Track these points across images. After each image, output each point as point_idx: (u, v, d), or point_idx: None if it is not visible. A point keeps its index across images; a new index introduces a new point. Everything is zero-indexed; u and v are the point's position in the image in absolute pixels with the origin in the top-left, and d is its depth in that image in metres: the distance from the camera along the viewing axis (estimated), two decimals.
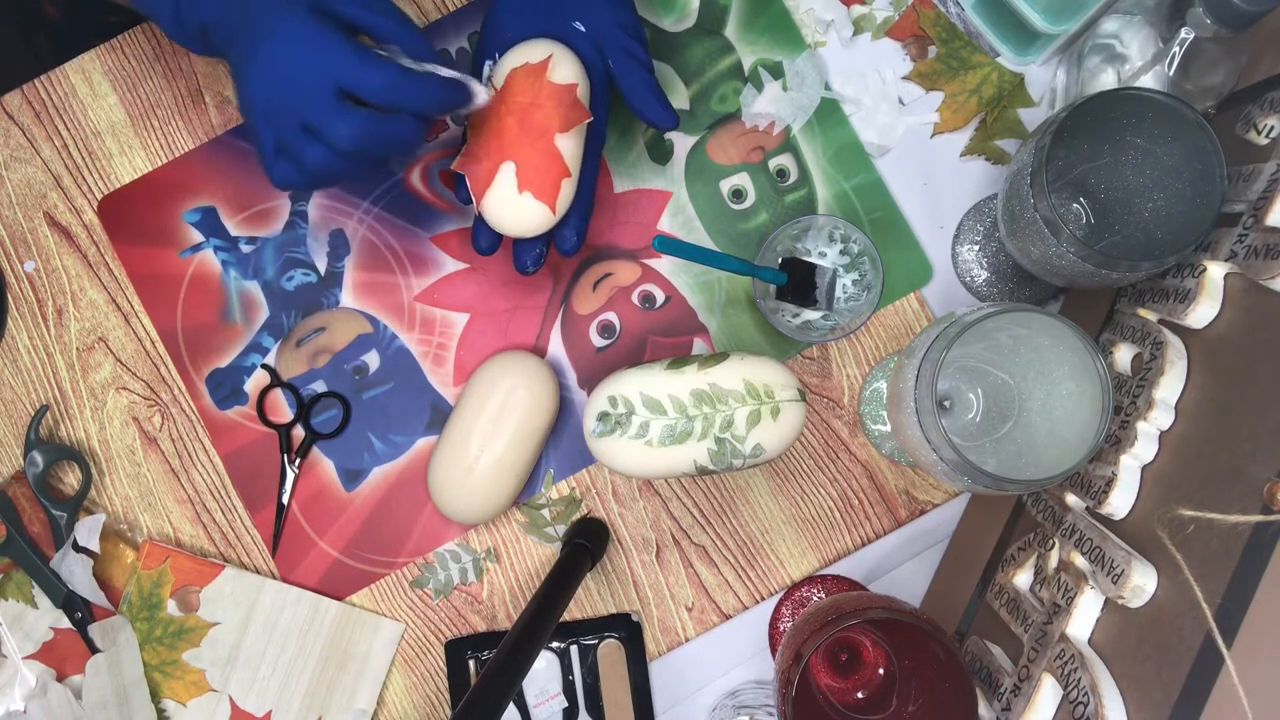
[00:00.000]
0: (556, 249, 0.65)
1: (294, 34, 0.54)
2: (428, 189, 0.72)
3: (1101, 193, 0.62)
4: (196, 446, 0.71)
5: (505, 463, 0.66)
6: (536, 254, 0.65)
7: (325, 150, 0.55)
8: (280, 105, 0.55)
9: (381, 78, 0.55)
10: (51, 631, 0.69)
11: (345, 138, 0.55)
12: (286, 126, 0.55)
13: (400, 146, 0.58)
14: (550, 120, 0.60)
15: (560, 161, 0.61)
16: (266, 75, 0.55)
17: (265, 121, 0.56)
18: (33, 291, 0.71)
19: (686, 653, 0.70)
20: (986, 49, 0.72)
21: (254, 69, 0.55)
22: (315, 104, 0.54)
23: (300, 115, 0.55)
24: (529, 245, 0.65)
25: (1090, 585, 0.53)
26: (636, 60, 0.64)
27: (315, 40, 0.54)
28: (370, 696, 0.70)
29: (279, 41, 0.55)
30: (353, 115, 0.55)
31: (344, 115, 0.54)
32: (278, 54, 0.55)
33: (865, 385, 0.70)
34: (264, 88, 0.55)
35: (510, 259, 0.69)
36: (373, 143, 0.56)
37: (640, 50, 0.64)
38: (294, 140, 0.56)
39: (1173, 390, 0.54)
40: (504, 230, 0.63)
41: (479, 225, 0.65)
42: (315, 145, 0.55)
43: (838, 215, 0.71)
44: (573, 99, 0.61)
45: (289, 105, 0.55)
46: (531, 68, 0.61)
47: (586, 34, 0.63)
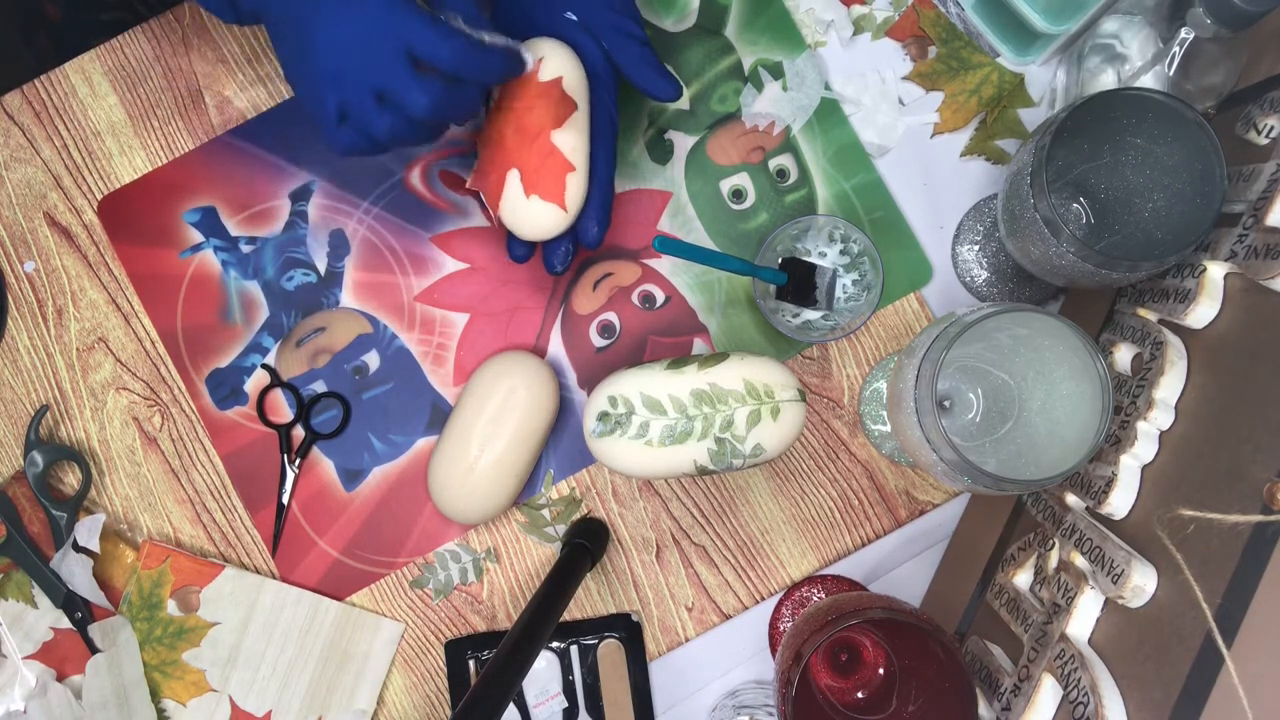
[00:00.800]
0: (580, 242, 0.65)
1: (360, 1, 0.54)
2: (428, 189, 0.72)
3: (1101, 193, 0.62)
4: (196, 446, 0.71)
5: (505, 463, 0.66)
6: (563, 253, 0.65)
7: (397, 118, 0.55)
8: (350, 70, 0.54)
9: (453, 47, 0.54)
10: (51, 631, 0.69)
11: (423, 106, 0.54)
12: (356, 93, 0.55)
13: (466, 115, 0.58)
14: (543, 119, 0.60)
15: (560, 158, 0.61)
16: (334, 40, 0.54)
17: (331, 87, 0.55)
18: (33, 291, 0.71)
19: (686, 653, 0.70)
20: (986, 49, 0.72)
21: (318, 33, 0.54)
22: (391, 71, 0.54)
23: (373, 82, 0.54)
24: (554, 245, 0.65)
25: (1090, 585, 0.53)
26: (630, 37, 0.63)
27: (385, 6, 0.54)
28: (370, 696, 0.70)
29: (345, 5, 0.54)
30: (430, 84, 0.54)
31: (421, 84, 0.54)
32: (347, 18, 0.54)
33: (865, 385, 0.70)
34: (332, 52, 0.54)
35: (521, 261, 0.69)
36: (445, 111, 0.55)
37: (633, 26, 0.64)
38: (364, 107, 0.55)
39: (1173, 390, 0.54)
40: (524, 236, 0.63)
41: (510, 236, 0.66)
42: (386, 113, 0.55)
43: (838, 215, 0.71)
44: (559, 93, 0.61)
45: (360, 71, 0.54)
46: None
47: (579, 23, 0.63)
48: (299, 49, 0.56)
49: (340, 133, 0.57)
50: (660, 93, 0.63)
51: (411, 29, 0.54)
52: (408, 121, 0.55)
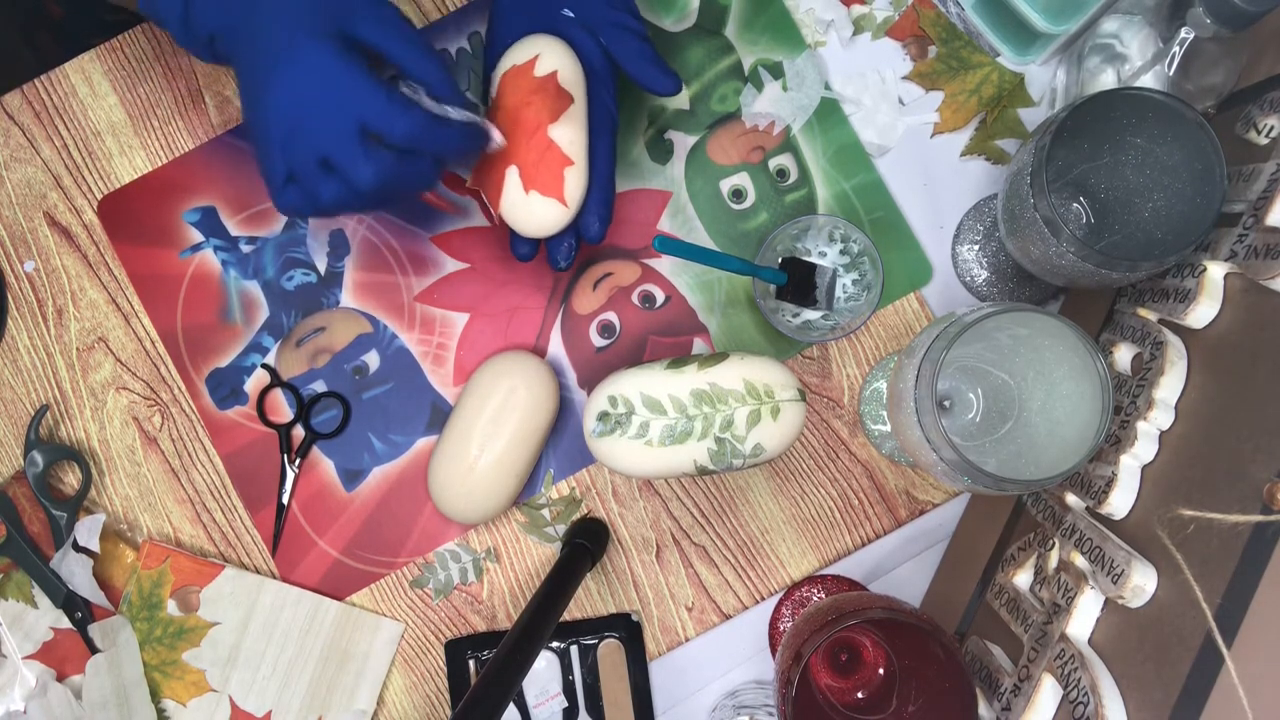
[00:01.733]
0: (583, 237, 0.65)
1: (320, 64, 0.53)
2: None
3: (1101, 193, 0.62)
4: (196, 446, 0.71)
5: (505, 463, 0.66)
6: (565, 249, 0.65)
7: (342, 187, 0.54)
8: (300, 135, 0.54)
9: (409, 123, 0.53)
10: (51, 631, 0.69)
11: (368, 179, 0.53)
12: (303, 158, 0.54)
13: (416, 188, 0.58)
14: (539, 113, 0.60)
15: (558, 152, 0.61)
16: (288, 102, 0.53)
17: (280, 148, 0.54)
18: (33, 291, 0.71)
19: (686, 653, 0.70)
20: (986, 49, 0.72)
21: (273, 93, 0.54)
22: (339, 141, 0.53)
23: (320, 150, 0.53)
24: (557, 241, 0.65)
25: (1090, 585, 0.53)
26: (628, 31, 0.63)
27: (341, 74, 0.53)
28: (370, 696, 0.70)
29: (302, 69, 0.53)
30: (378, 157, 0.53)
31: (368, 157, 0.53)
32: (301, 82, 0.53)
33: (865, 385, 0.70)
34: (283, 115, 0.53)
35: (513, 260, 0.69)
36: (393, 184, 0.55)
37: (631, 20, 0.63)
38: (309, 173, 0.54)
39: (1173, 390, 0.54)
40: (525, 233, 0.63)
41: (514, 234, 0.65)
42: (332, 181, 0.54)
43: (838, 215, 0.71)
44: (555, 87, 0.61)
45: (309, 137, 0.53)
46: (518, 69, 0.61)
47: (576, 19, 0.63)
48: (255, 103, 0.55)
49: (285, 193, 0.56)
50: (659, 87, 0.63)
51: (364, 99, 0.53)
52: (353, 192, 0.54)
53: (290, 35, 0.53)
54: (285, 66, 0.53)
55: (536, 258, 0.68)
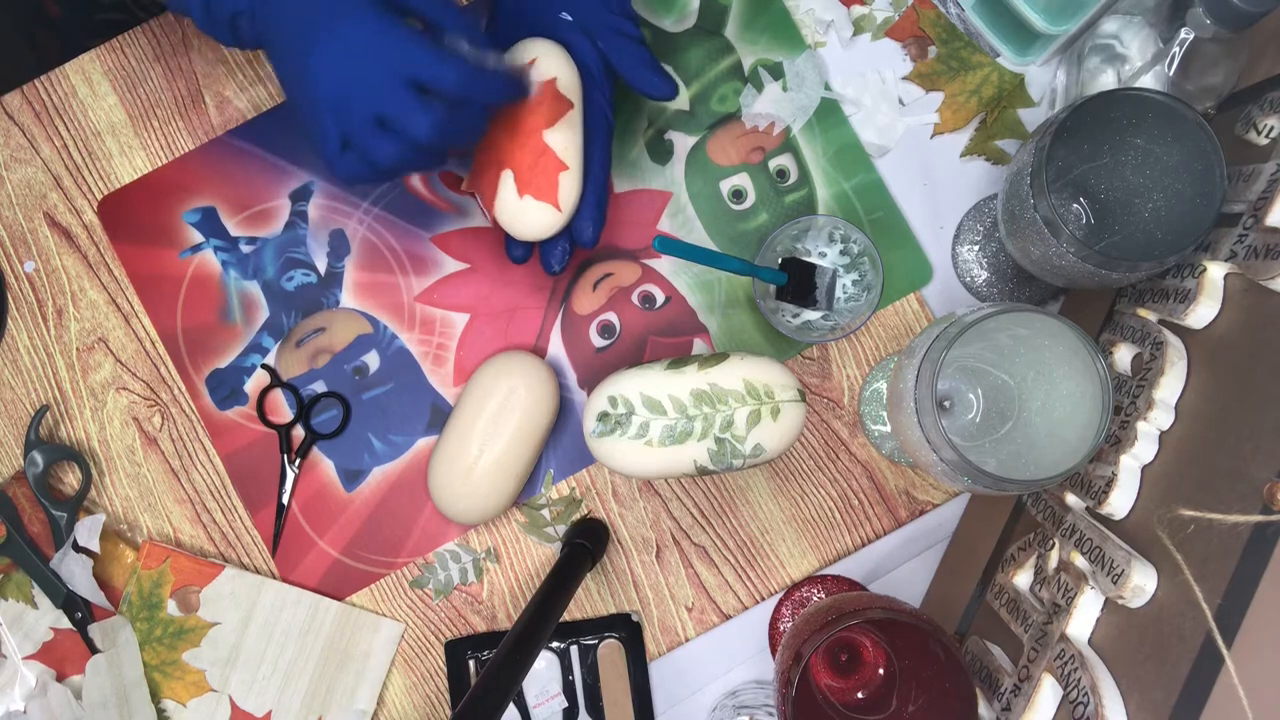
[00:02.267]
0: (576, 241, 0.65)
1: (362, 26, 0.53)
2: (428, 189, 0.72)
3: (1101, 193, 0.62)
4: (196, 446, 0.71)
5: (505, 463, 0.66)
6: (559, 253, 0.65)
7: (400, 144, 0.54)
8: (351, 98, 0.54)
9: (457, 71, 0.54)
10: (51, 631, 0.69)
11: (425, 131, 0.54)
12: (357, 120, 0.54)
13: (470, 138, 0.57)
14: (535, 118, 0.60)
15: (553, 157, 0.61)
16: (334, 67, 0.54)
17: (332, 115, 0.55)
18: (33, 291, 0.71)
19: (686, 653, 0.70)
20: (986, 49, 0.72)
21: (318, 61, 0.54)
22: (392, 97, 0.53)
23: (374, 108, 0.54)
24: (551, 245, 0.65)
25: (1090, 585, 0.53)
26: (626, 36, 0.63)
27: (384, 32, 0.53)
28: (370, 696, 0.70)
29: (346, 33, 0.53)
30: (432, 108, 0.54)
31: (424, 108, 0.53)
32: (347, 45, 0.53)
33: (865, 385, 0.70)
34: (331, 80, 0.54)
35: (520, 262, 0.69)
36: (449, 135, 0.55)
37: (629, 26, 0.64)
38: (365, 134, 0.54)
39: (1173, 390, 0.54)
40: (519, 236, 0.63)
41: (508, 237, 0.65)
42: (389, 140, 0.54)
43: (838, 215, 0.71)
44: (553, 92, 0.61)
45: (362, 98, 0.54)
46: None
47: (574, 23, 0.63)
48: (299, 76, 0.55)
49: (343, 161, 0.56)
50: (656, 91, 0.63)
51: (411, 53, 0.53)
52: (411, 146, 0.55)
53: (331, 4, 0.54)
54: (327, 33, 0.53)
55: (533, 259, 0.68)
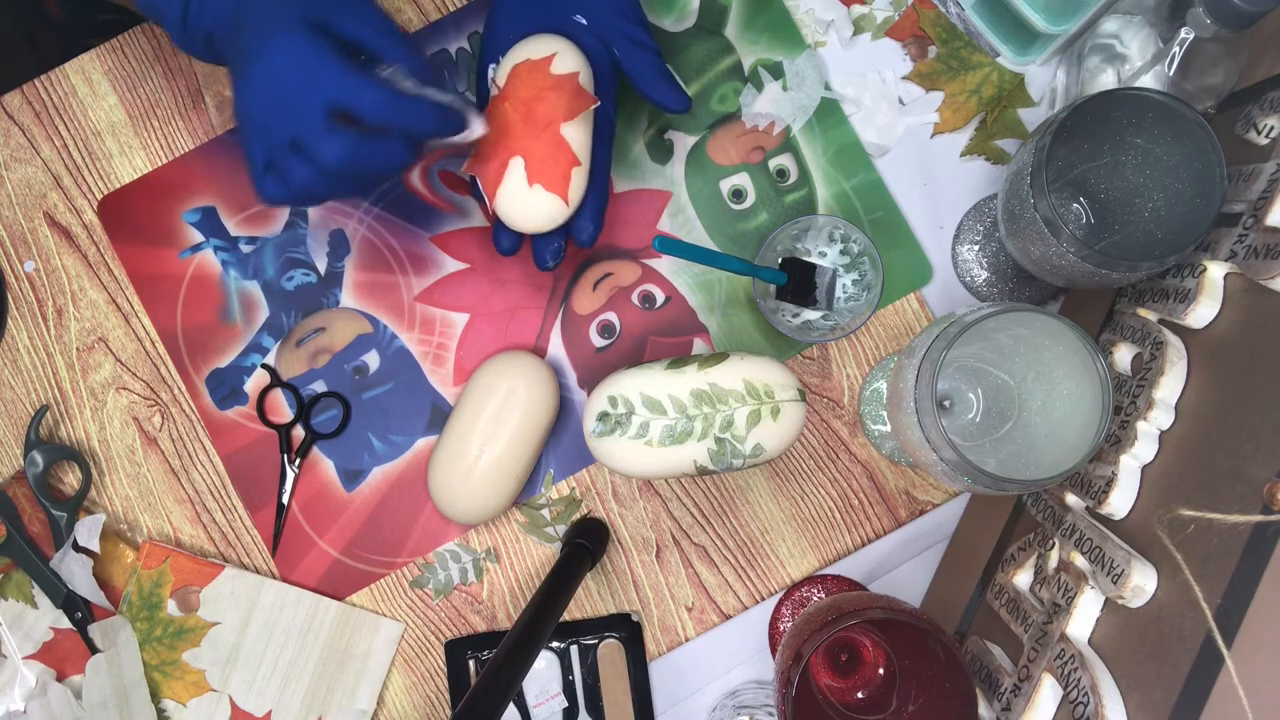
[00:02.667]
0: (574, 240, 0.65)
1: (289, 50, 0.54)
2: (428, 189, 0.72)
3: (1101, 193, 0.62)
4: (196, 446, 0.71)
5: (505, 463, 0.66)
6: (555, 248, 0.65)
7: (311, 169, 0.55)
8: (272, 121, 0.54)
9: (374, 96, 0.54)
10: (51, 631, 0.69)
11: (332, 156, 0.54)
12: (276, 143, 0.55)
13: (388, 168, 0.57)
14: (555, 110, 0.60)
15: (568, 151, 0.60)
16: (260, 90, 0.54)
17: (257, 136, 0.55)
18: (33, 291, 0.71)
19: (686, 653, 0.70)
20: (986, 49, 0.72)
21: (249, 82, 0.55)
22: (304, 121, 0.54)
23: (289, 132, 0.54)
24: (547, 240, 0.65)
25: (1090, 585, 0.53)
26: (642, 46, 0.63)
27: (309, 57, 0.54)
28: (370, 696, 0.70)
29: (274, 56, 0.54)
30: (340, 135, 0.54)
31: (331, 134, 0.54)
32: (272, 69, 0.54)
33: (865, 385, 0.70)
34: (257, 102, 0.55)
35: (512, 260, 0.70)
36: (360, 163, 0.55)
37: (645, 35, 0.64)
38: (282, 157, 0.55)
39: (1173, 390, 0.54)
40: (519, 226, 0.62)
41: (498, 226, 0.65)
42: (301, 164, 0.55)
43: (838, 215, 0.71)
44: (575, 86, 0.60)
45: (280, 121, 0.54)
46: (534, 63, 0.61)
47: (589, 27, 0.63)
48: (236, 95, 0.56)
49: (265, 181, 0.56)
50: (671, 104, 0.64)
51: (330, 79, 0.53)
52: (323, 172, 0.55)
53: (267, 27, 0.54)
54: (260, 56, 0.54)
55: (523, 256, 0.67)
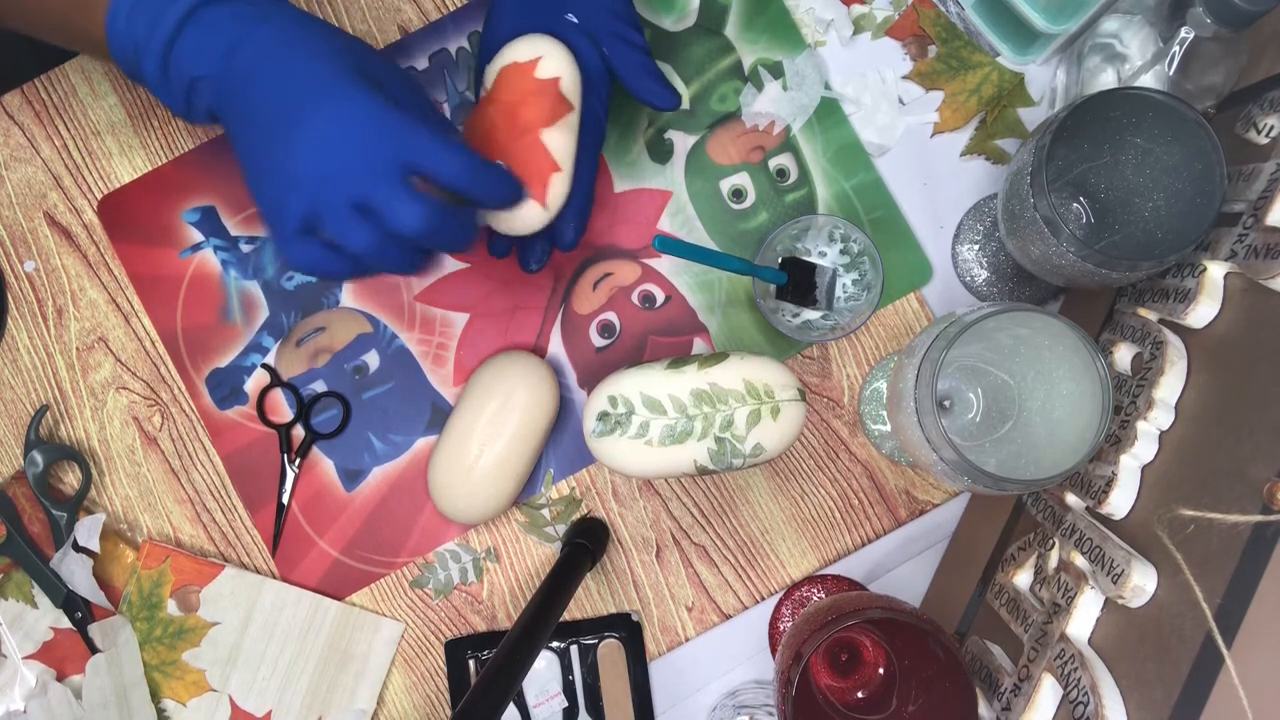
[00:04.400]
0: (556, 244, 0.65)
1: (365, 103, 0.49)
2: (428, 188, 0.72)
3: (1101, 192, 0.62)
4: (196, 446, 0.71)
5: (505, 463, 0.66)
6: (539, 251, 0.65)
7: (377, 234, 0.49)
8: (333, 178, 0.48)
9: (462, 162, 0.49)
10: (51, 631, 0.69)
11: (411, 222, 0.48)
12: (333, 202, 0.49)
13: (454, 245, 0.52)
14: (535, 115, 0.60)
15: (548, 157, 0.60)
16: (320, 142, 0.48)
17: (304, 194, 0.49)
18: (33, 291, 0.71)
19: (686, 653, 0.70)
20: (986, 49, 0.72)
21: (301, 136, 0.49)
22: (383, 181, 0.48)
23: (359, 192, 0.49)
24: (531, 243, 0.65)
25: (1090, 585, 0.53)
26: (631, 45, 0.63)
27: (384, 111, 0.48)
28: (370, 696, 0.70)
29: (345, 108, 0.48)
30: (427, 200, 0.49)
31: (415, 198, 0.48)
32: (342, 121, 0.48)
33: (865, 385, 0.70)
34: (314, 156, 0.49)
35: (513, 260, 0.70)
36: (435, 233, 0.50)
37: (634, 34, 0.64)
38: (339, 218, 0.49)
39: (1173, 390, 0.54)
40: (501, 230, 0.62)
41: (489, 229, 0.65)
42: (367, 228, 0.49)
43: (838, 215, 0.71)
44: (555, 93, 0.60)
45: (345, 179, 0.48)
46: (519, 66, 0.61)
47: (579, 25, 0.63)
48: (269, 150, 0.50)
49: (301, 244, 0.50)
50: (661, 102, 0.64)
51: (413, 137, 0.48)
52: (390, 237, 0.50)
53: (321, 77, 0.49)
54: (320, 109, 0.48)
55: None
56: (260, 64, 0.51)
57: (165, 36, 0.52)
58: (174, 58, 0.52)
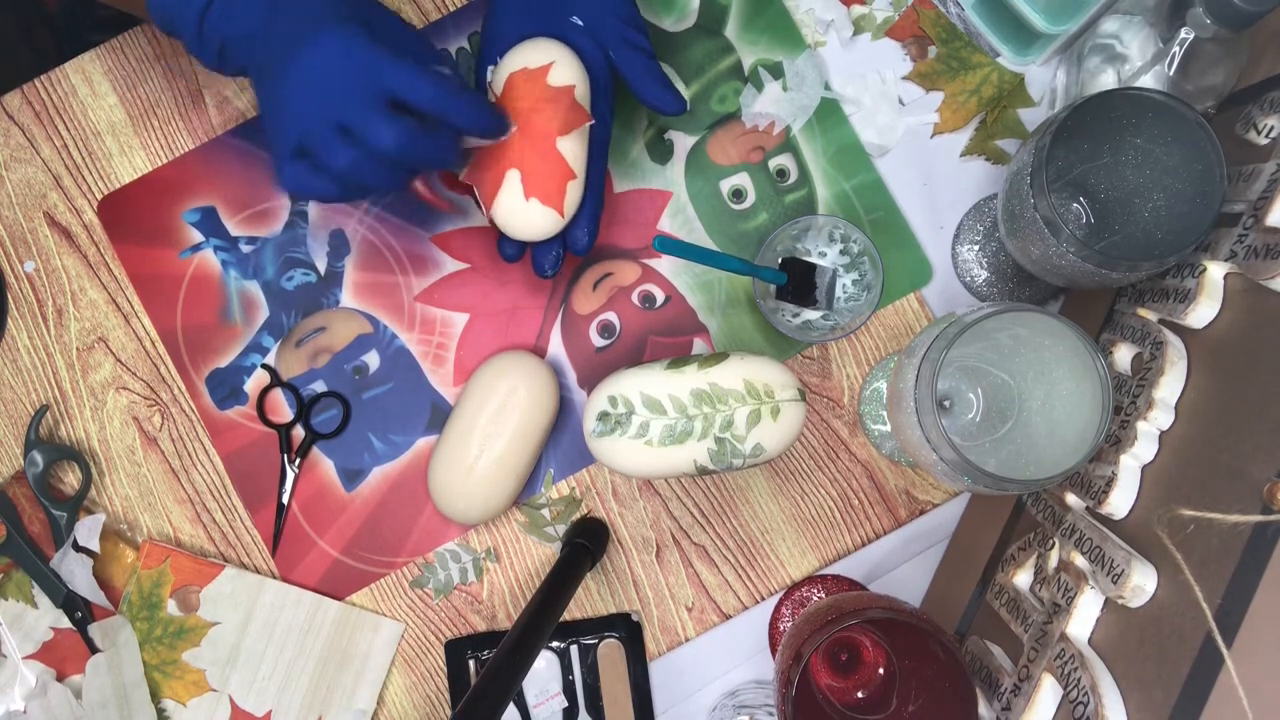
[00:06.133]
0: (569, 249, 0.65)
1: (343, 40, 0.54)
2: (428, 189, 0.72)
3: (1101, 193, 0.62)
4: (196, 446, 0.71)
5: (505, 463, 0.66)
6: (554, 256, 0.65)
7: (358, 153, 0.54)
8: (317, 103, 0.54)
9: (435, 87, 0.54)
10: (51, 631, 0.69)
11: (389, 142, 0.53)
12: (319, 125, 0.54)
13: (436, 161, 0.57)
14: (550, 123, 0.60)
15: (564, 165, 0.61)
16: (307, 77, 0.54)
17: (293, 122, 0.54)
18: (33, 291, 0.71)
19: (686, 653, 0.70)
20: (986, 49, 0.72)
21: (295, 71, 0.54)
22: (361, 105, 0.53)
23: (339, 115, 0.53)
24: (545, 248, 0.65)
25: (1090, 585, 0.53)
26: (637, 49, 0.63)
27: (364, 47, 0.54)
28: (370, 696, 0.70)
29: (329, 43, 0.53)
30: (401, 120, 0.54)
31: (391, 119, 0.53)
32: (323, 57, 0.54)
33: (865, 385, 0.70)
34: (302, 86, 0.54)
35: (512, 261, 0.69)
36: (413, 152, 0.54)
37: (640, 39, 0.64)
38: (324, 139, 0.54)
39: (1173, 390, 0.54)
40: (516, 236, 0.63)
41: (500, 234, 0.65)
42: (348, 147, 0.54)
43: (838, 215, 0.71)
44: (571, 101, 0.61)
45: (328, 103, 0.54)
46: (530, 72, 0.61)
47: (585, 28, 0.63)
48: (273, 89, 0.55)
49: (292, 167, 0.55)
50: (666, 107, 0.64)
51: (389, 67, 0.54)
52: (370, 156, 0.54)
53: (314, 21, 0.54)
54: (309, 46, 0.54)
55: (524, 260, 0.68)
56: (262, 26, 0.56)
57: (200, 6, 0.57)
58: (206, 26, 0.57)
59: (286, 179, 0.56)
